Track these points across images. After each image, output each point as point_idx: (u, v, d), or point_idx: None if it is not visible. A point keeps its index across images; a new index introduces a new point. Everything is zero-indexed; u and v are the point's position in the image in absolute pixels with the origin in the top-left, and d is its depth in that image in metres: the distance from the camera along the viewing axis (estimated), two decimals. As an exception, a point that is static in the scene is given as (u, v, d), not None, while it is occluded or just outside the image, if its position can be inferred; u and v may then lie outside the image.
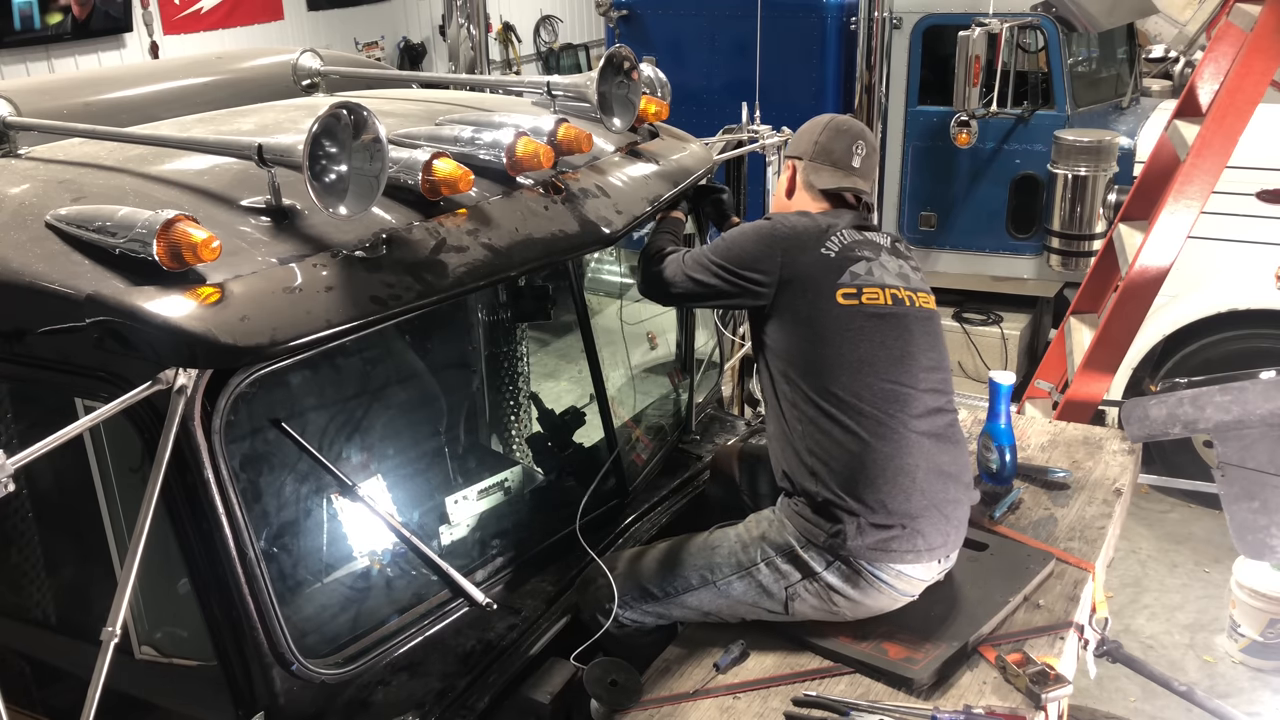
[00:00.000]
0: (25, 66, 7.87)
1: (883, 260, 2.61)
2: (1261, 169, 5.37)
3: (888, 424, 2.43)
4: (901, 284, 2.61)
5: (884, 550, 2.36)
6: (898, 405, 2.46)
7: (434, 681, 2.20)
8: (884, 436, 2.42)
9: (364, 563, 2.46)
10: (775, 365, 2.55)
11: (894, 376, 2.48)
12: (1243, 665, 4.61)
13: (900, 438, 2.43)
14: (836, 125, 2.75)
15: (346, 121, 1.95)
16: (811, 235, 2.57)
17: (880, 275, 2.58)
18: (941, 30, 6.47)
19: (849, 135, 2.73)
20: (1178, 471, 5.46)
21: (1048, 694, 2.18)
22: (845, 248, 2.57)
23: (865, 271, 2.56)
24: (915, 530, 2.38)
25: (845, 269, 2.53)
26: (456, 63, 6.94)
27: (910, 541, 2.37)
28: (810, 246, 2.55)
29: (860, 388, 2.44)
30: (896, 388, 2.47)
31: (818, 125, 2.77)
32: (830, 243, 2.56)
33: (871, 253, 2.60)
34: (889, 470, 2.40)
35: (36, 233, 2.00)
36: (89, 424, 1.84)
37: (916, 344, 2.57)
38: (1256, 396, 2.94)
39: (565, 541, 2.62)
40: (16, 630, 2.46)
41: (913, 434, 2.45)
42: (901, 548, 2.37)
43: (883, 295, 2.55)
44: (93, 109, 2.75)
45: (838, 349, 2.48)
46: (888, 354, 2.50)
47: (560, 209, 2.43)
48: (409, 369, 3.02)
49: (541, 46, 12.54)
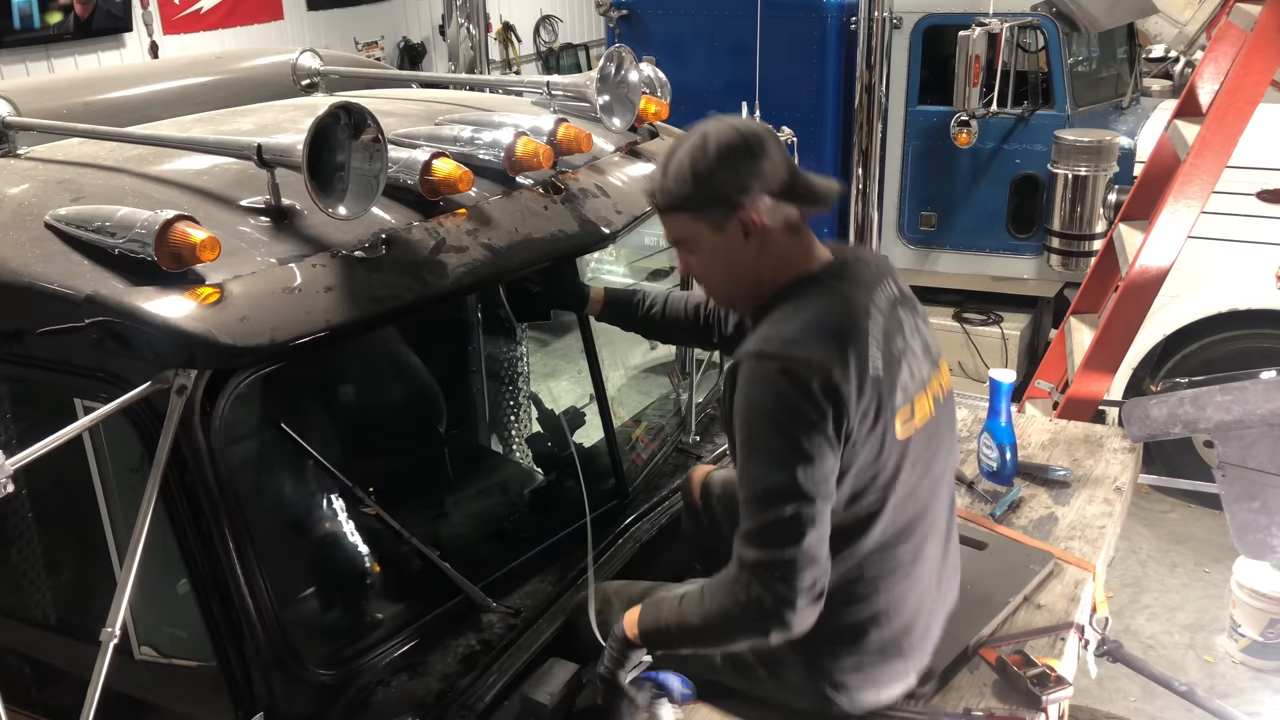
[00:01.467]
0: (25, 66, 7.87)
1: (907, 334, 2.05)
2: (1261, 169, 5.37)
3: (911, 570, 2.09)
4: (930, 366, 2.10)
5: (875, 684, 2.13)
6: (924, 535, 2.11)
7: (434, 681, 2.19)
8: (906, 579, 2.09)
9: (364, 563, 2.45)
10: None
11: (930, 503, 2.11)
12: (1243, 665, 4.61)
13: (919, 579, 2.12)
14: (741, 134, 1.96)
15: (346, 121, 1.95)
16: (856, 354, 1.90)
17: (917, 366, 2.05)
18: (941, 30, 6.46)
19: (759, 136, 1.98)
20: (1178, 471, 5.46)
21: (1048, 696, 2.17)
22: (887, 347, 1.96)
23: (909, 373, 2.02)
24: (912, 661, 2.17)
25: (896, 381, 1.97)
26: (456, 63, 6.94)
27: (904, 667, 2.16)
28: (859, 377, 1.89)
29: (892, 537, 2.04)
30: (928, 519, 2.11)
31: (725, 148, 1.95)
32: (873, 344, 1.93)
33: (903, 330, 2.03)
34: (906, 616, 2.10)
35: (36, 233, 2.00)
36: (89, 424, 1.84)
37: (945, 447, 2.16)
38: (1256, 396, 2.94)
39: (565, 542, 2.61)
40: (16, 630, 2.46)
41: (932, 570, 2.16)
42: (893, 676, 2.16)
43: (927, 401, 2.06)
44: (92, 109, 2.75)
45: (886, 499, 2.00)
46: (930, 483, 2.09)
47: (560, 209, 2.43)
48: (409, 369, 3.02)
49: (541, 46, 12.54)
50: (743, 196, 1.94)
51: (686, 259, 2.08)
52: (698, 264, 2.07)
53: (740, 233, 1.96)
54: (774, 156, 1.95)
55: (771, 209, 1.95)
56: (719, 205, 1.95)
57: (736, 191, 1.94)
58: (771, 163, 1.95)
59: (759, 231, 1.96)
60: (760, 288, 2.02)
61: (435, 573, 2.32)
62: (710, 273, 2.08)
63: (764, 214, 1.95)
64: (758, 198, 1.94)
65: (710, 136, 1.95)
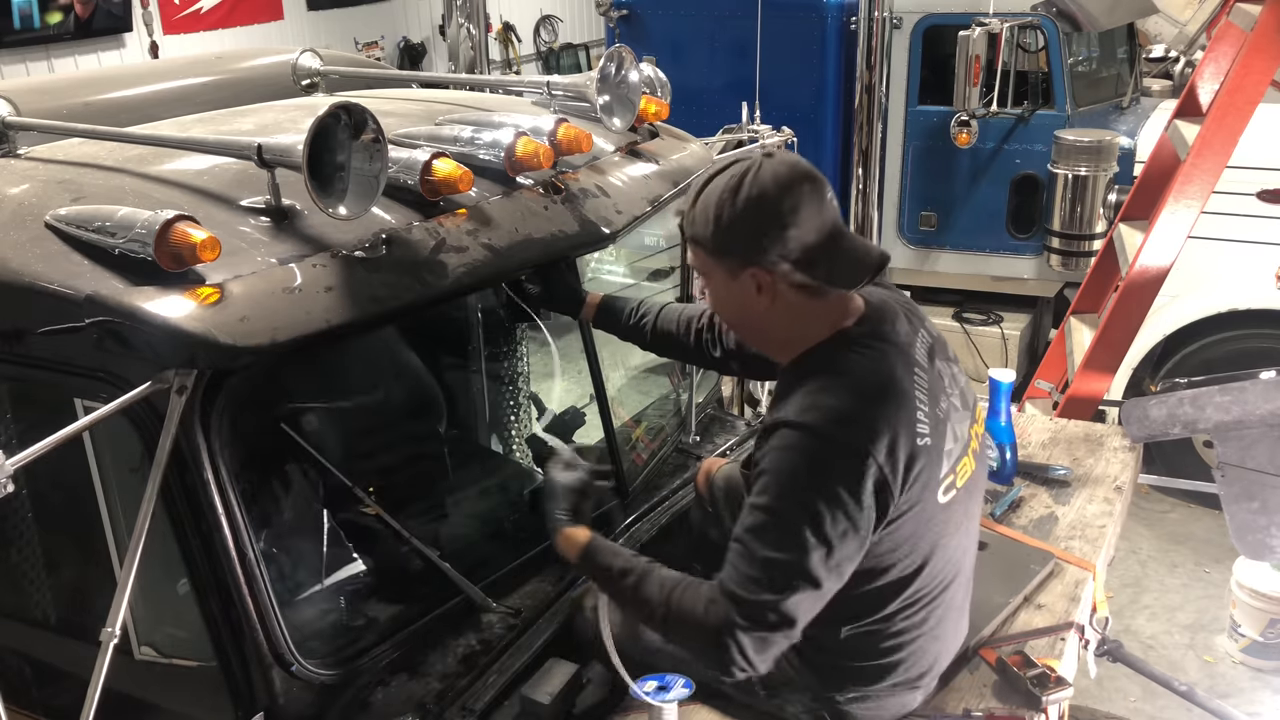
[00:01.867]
0: (25, 66, 7.87)
1: (949, 392, 1.95)
2: (1261, 169, 5.37)
3: (938, 624, 2.06)
4: (968, 417, 2.00)
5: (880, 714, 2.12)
6: (954, 587, 2.07)
7: (434, 681, 2.19)
8: (931, 632, 2.05)
9: (364, 563, 2.45)
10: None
11: (962, 559, 2.08)
12: (1243, 665, 4.61)
13: (943, 630, 2.09)
14: (779, 189, 1.84)
15: (346, 121, 1.95)
16: (903, 427, 1.80)
17: (959, 426, 1.94)
18: (941, 30, 6.46)
19: (797, 197, 1.83)
20: (1178, 471, 5.46)
21: (1048, 696, 2.17)
22: (933, 413, 1.86)
23: (953, 436, 1.91)
24: (920, 691, 2.15)
25: (943, 449, 1.87)
26: (456, 63, 6.94)
27: (911, 698, 2.14)
28: (906, 450, 1.80)
29: (924, 595, 1.99)
30: (960, 573, 2.09)
31: (755, 202, 1.83)
32: (921, 420, 1.82)
33: (944, 387, 1.93)
34: (925, 662, 2.08)
35: (36, 233, 2.00)
36: (89, 424, 1.84)
37: (978, 494, 2.11)
38: (1256, 396, 2.94)
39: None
40: (16, 630, 2.46)
41: (955, 616, 2.13)
42: (899, 707, 2.13)
43: (970, 461, 1.97)
44: (92, 109, 2.75)
45: (924, 565, 1.94)
46: (966, 537, 2.05)
47: (560, 209, 2.43)
48: (409, 369, 3.01)
49: (541, 46, 12.54)
50: (758, 256, 1.85)
51: (705, 284, 2.04)
52: (712, 297, 2.03)
53: (753, 286, 1.89)
54: (805, 223, 1.83)
55: (787, 274, 1.85)
56: (734, 256, 1.89)
57: (753, 250, 1.85)
58: (800, 230, 1.83)
59: (770, 291, 1.89)
60: (780, 340, 1.95)
61: (435, 573, 2.32)
62: (724, 309, 2.07)
63: (778, 278, 1.86)
64: (774, 261, 1.85)
65: (748, 182, 1.85)
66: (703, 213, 1.90)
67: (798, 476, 1.81)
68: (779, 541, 1.79)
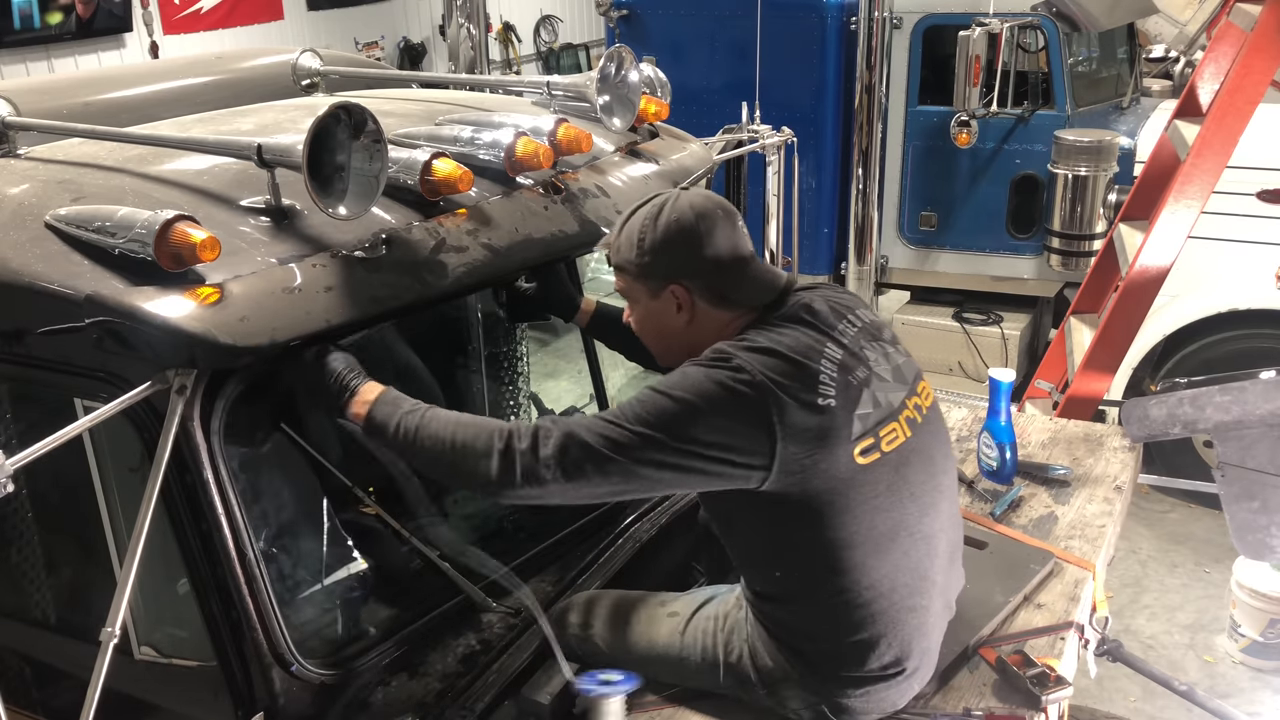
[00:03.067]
0: (25, 66, 7.88)
1: (874, 364, 2.03)
2: (1261, 169, 5.37)
3: (916, 596, 2.07)
4: (903, 389, 2.07)
5: (878, 704, 2.12)
6: (922, 558, 2.07)
7: (434, 681, 2.19)
8: (906, 603, 2.06)
9: (364, 563, 2.45)
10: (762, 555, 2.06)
11: (925, 529, 2.07)
12: (1243, 665, 4.61)
13: (927, 605, 2.10)
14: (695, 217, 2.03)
15: (346, 121, 1.95)
16: (801, 380, 1.91)
17: (885, 394, 2.02)
18: (941, 30, 6.46)
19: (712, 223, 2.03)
20: (1178, 471, 5.46)
21: (1048, 696, 2.17)
22: (843, 379, 1.95)
23: (873, 403, 1.98)
24: (916, 677, 2.15)
25: (853, 413, 1.95)
26: (456, 63, 6.94)
27: (908, 685, 2.14)
28: (804, 399, 1.90)
29: (889, 568, 2.01)
30: (926, 547, 2.08)
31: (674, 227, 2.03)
32: (824, 382, 1.93)
33: (865, 361, 2.02)
34: (907, 638, 2.07)
35: (36, 233, 2.00)
36: (89, 424, 1.84)
37: (938, 466, 2.13)
38: (1256, 396, 2.93)
39: (565, 542, 2.61)
40: (16, 630, 2.46)
41: (936, 590, 2.13)
42: (897, 695, 2.13)
43: (899, 427, 2.03)
44: (92, 109, 2.75)
45: (861, 527, 1.96)
46: (918, 505, 2.05)
47: (560, 209, 2.43)
48: (409, 368, 3.01)
49: (541, 46, 12.55)
50: (677, 276, 2.05)
51: (630, 309, 2.19)
52: (636, 318, 2.18)
53: (673, 304, 2.08)
54: (719, 245, 2.03)
55: (703, 290, 2.05)
56: (656, 277, 2.07)
57: (672, 271, 2.05)
58: (714, 250, 2.03)
59: (689, 308, 2.07)
60: (697, 352, 2.02)
61: (435, 573, 2.32)
62: (645, 330, 2.19)
63: (695, 294, 2.05)
64: (691, 278, 2.05)
65: (666, 211, 2.05)
66: (627, 239, 2.09)
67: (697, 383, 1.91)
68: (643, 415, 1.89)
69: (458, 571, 2.33)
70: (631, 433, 1.89)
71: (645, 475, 1.91)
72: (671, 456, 1.89)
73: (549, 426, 1.93)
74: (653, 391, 1.93)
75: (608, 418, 1.92)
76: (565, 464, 1.89)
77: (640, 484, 1.93)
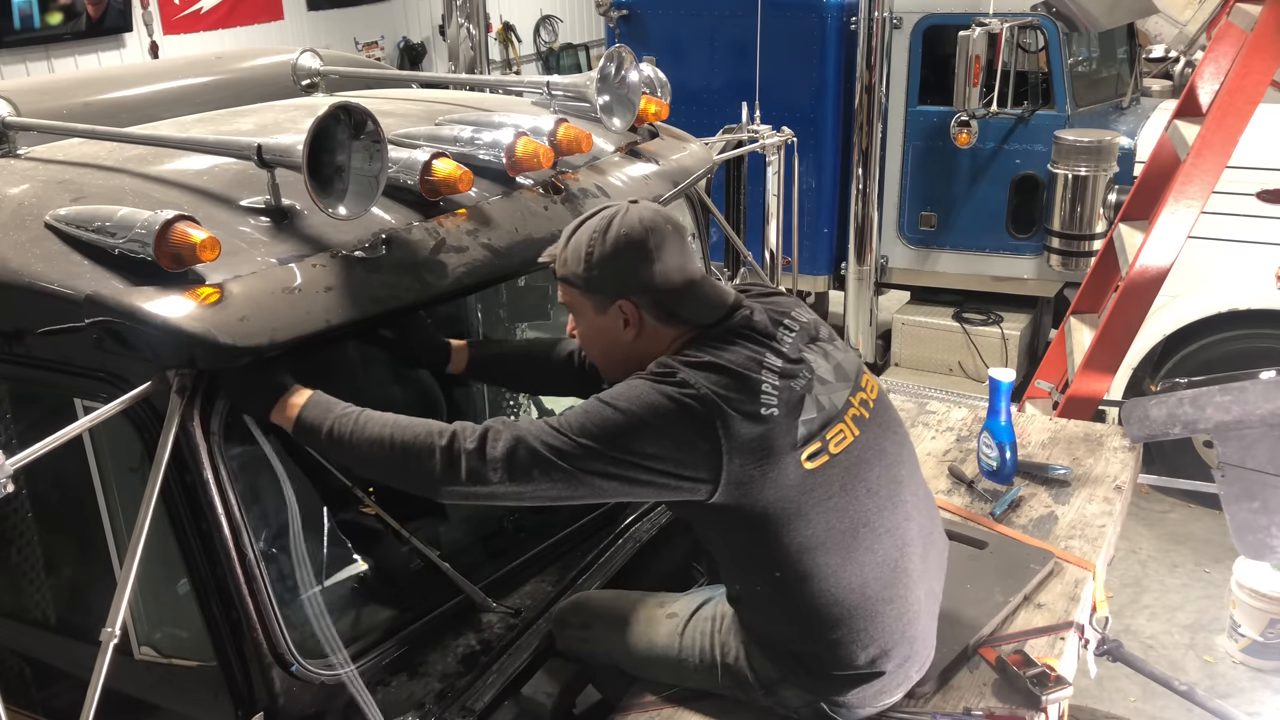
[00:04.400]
0: (25, 66, 7.88)
1: (815, 367, 2.03)
2: (1261, 169, 5.37)
3: (892, 588, 2.07)
4: (845, 386, 2.06)
5: (875, 696, 2.13)
6: (894, 553, 2.07)
7: (434, 681, 2.19)
8: (885, 597, 2.06)
9: (364, 563, 2.45)
10: (730, 562, 2.10)
11: (887, 523, 2.07)
12: (1243, 665, 4.61)
13: (905, 595, 2.09)
14: (645, 231, 1.99)
15: (346, 122, 1.95)
16: (743, 392, 1.91)
17: (828, 396, 2.01)
18: (941, 30, 6.47)
19: (661, 237, 2.00)
20: (1178, 471, 5.46)
21: (1048, 696, 2.17)
22: (785, 387, 1.95)
23: (816, 407, 1.98)
24: (911, 665, 2.16)
25: (797, 419, 1.94)
26: (456, 63, 6.94)
27: (903, 674, 2.15)
28: (747, 410, 1.90)
29: (856, 566, 2.02)
30: (893, 539, 2.07)
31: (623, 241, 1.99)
32: (767, 392, 1.93)
33: (805, 365, 2.01)
34: (893, 632, 2.08)
35: (36, 233, 2.01)
36: (89, 424, 1.85)
37: (891, 457, 2.11)
38: (1256, 396, 2.93)
39: (565, 542, 2.61)
40: (16, 630, 2.46)
41: (914, 579, 2.11)
42: (893, 685, 2.14)
43: (846, 428, 2.02)
44: (92, 109, 2.75)
45: (818, 530, 1.97)
46: (876, 501, 2.05)
47: (560, 209, 2.43)
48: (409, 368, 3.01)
49: (541, 46, 12.56)
50: (625, 291, 2.01)
51: (574, 322, 2.15)
52: (582, 332, 2.14)
53: (620, 319, 2.04)
54: (668, 260, 2.00)
55: (651, 305, 2.02)
56: (604, 292, 2.03)
57: (620, 286, 2.01)
58: (663, 265, 1.99)
59: (636, 323, 2.03)
60: (642, 365, 2.01)
61: (435, 573, 2.32)
62: (590, 344, 2.16)
63: (643, 309, 2.02)
64: (640, 293, 2.01)
65: (615, 224, 2.01)
66: (574, 252, 2.04)
67: (642, 396, 1.91)
68: (591, 424, 1.89)
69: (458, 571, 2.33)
70: (576, 442, 1.89)
71: (590, 483, 1.91)
72: (615, 467, 1.90)
73: (498, 429, 1.93)
74: (600, 403, 1.93)
75: (555, 425, 1.92)
76: (512, 467, 1.90)
77: (586, 490, 1.93)
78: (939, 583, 2.26)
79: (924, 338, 6.88)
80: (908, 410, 3.51)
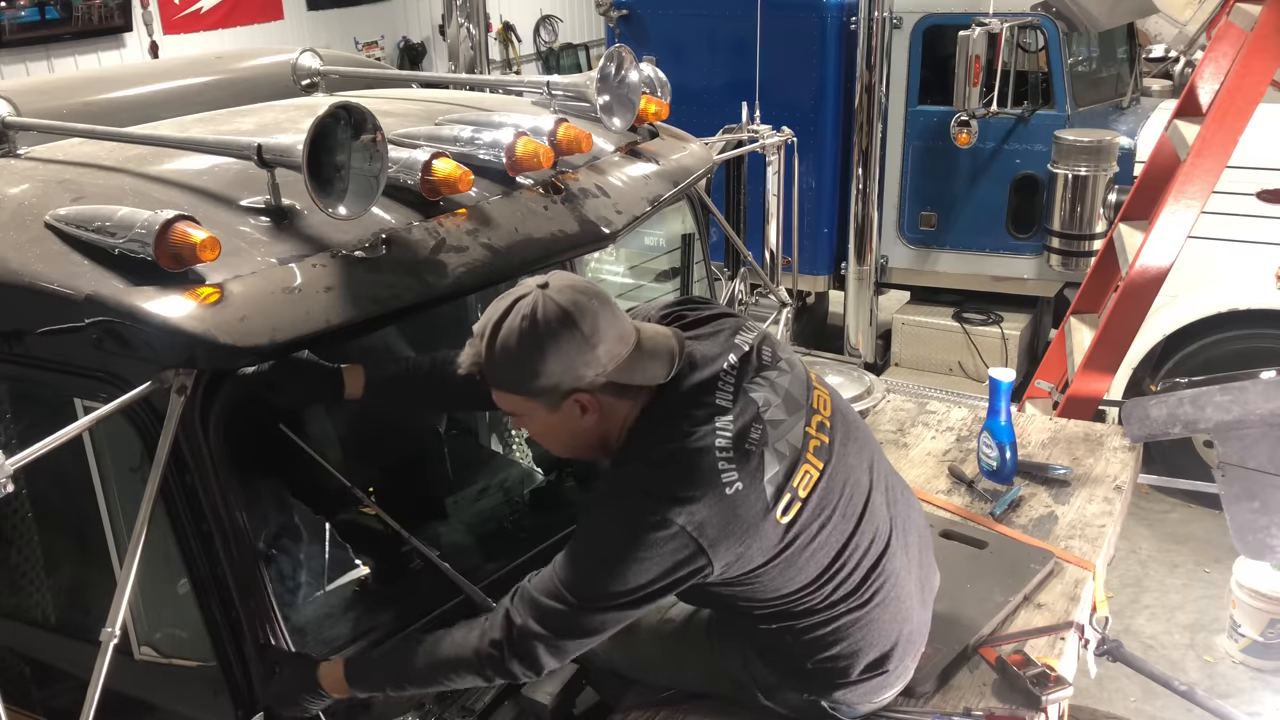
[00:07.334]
0: (25, 66, 7.88)
1: (764, 410, 1.95)
2: (1261, 169, 5.36)
3: (883, 592, 2.08)
4: (800, 415, 2.00)
5: (873, 693, 2.17)
6: (882, 557, 2.08)
7: (434, 682, 2.19)
8: (877, 608, 2.08)
9: (364, 563, 2.45)
10: (724, 609, 2.14)
11: (867, 536, 2.06)
12: (1243, 665, 4.61)
13: (897, 595, 2.11)
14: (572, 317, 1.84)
15: (346, 121, 1.95)
16: (705, 483, 1.85)
17: (785, 440, 1.95)
18: (941, 30, 6.46)
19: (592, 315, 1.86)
20: (1178, 471, 5.46)
21: (1048, 696, 2.18)
22: (741, 453, 1.88)
23: (777, 458, 1.92)
24: (909, 660, 2.20)
25: (762, 482, 1.89)
26: (456, 63, 6.94)
27: (902, 669, 2.18)
28: (713, 499, 1.85)
29: (844, 585, 2.03)
30: (874, 547, 2.07)
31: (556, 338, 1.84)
32: (725, 469, 1.86)
33: (756, 414, 1.93)
34: (888, 638, 2.11)
35: (36, 233, 2.00)
36: (89, 424, 1.84)
37: (856, 473, 2.07)
38: (1256, 396, 2.94)
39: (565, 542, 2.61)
40: (16, 630, 2.46)
41: (902, 575, 2.13)
42: (892, 681, 2.18)
43: (810, 465, 1.97)
44: (92, 109, 2.75)
45: (808, 571, 1.99)
46: (850, 522, 2.04)
47: (560, 209, 2.43)
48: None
49: (541, 46, 12.55)
50: (576, 385, 1.87)
51: (521, 423, 2.07)
52: (535, 432, 2.05)
53: (577, 410, 1.91)
54: (607, 335, 1.86)
55: (604, 389, 1.89)
56: (553, 393, 1.89)
57: (570, 381, 1.86)
58: (606, 346, 1.86)
59: (595, 409, 1.91)
60: (605, 445, 1.99)
61: (435, 573, 2.32)
62: (547, 439, 2.06)
63: (597, 393, 1.89)
64: (591, 381, 1.87)
65: (539, 320, 1.84)
66: (506, 363, 1.88)
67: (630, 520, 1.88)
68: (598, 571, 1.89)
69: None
70: (582, 608, 1.90)
71: (618, 621, 1.94)
72: (628, 610, 1.91)
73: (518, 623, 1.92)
74: (587, 557, 1.92)
75: (555, 596, 1.90)
76: (548, 645, 1.92)
77: (616, 627, 1.95)
78: (929, 557, 2.28)
79: (924, 338, 6.88)
80: (908, 410, 3.51)
